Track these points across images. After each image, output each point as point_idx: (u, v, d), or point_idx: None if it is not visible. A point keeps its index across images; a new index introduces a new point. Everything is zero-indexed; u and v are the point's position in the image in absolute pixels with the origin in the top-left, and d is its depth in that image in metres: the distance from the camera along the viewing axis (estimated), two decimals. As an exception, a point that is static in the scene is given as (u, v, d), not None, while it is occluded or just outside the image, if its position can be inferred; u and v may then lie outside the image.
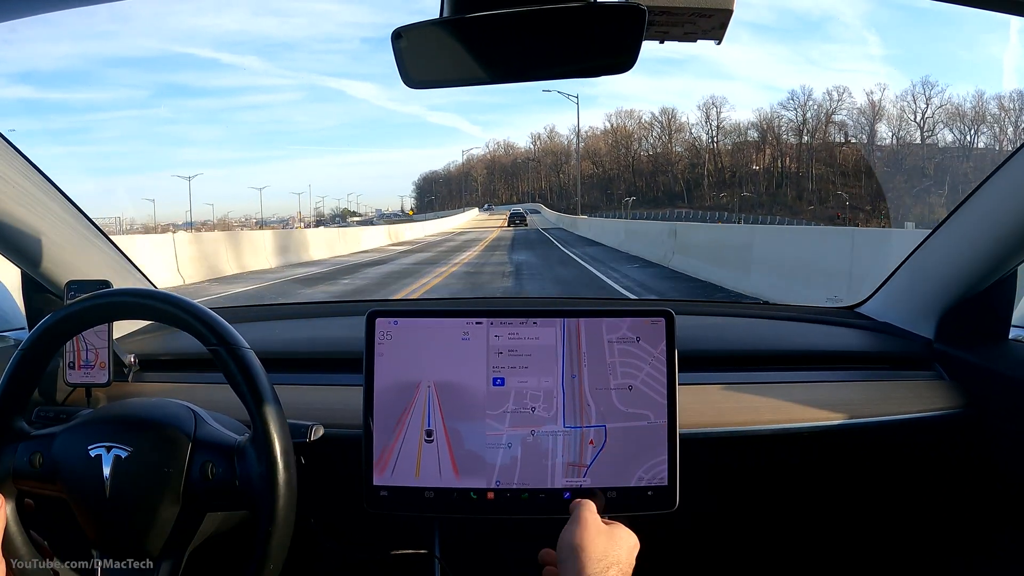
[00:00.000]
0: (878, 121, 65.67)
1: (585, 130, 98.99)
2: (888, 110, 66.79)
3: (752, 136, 70.46)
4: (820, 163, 60.33)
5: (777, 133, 68.18)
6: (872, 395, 1.00)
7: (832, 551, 1.14)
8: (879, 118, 66.44)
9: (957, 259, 1.02)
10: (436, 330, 0.79)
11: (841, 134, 62.39)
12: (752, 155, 68.23)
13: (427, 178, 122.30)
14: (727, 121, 77.43)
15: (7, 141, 0.86)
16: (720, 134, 76.25)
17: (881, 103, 67.46)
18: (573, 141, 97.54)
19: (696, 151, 75.52)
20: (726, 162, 71.71)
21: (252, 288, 9.58)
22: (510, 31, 0.66)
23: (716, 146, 74.86)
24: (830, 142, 62.62)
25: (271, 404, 0.67)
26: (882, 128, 63.81)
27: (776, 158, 65.59)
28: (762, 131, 69.49)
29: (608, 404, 0.77)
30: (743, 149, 68.88)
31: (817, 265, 6.86)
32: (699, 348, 1.06)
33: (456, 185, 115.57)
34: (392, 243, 23.56)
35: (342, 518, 0.92)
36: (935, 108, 65.18)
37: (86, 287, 0.91)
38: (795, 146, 64.85)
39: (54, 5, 0.68)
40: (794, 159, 63.25)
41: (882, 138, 64.58)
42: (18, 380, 0.68)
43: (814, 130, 64.96)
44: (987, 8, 0.59)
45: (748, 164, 67.78)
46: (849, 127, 64.52)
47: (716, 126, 76.75)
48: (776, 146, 67.02)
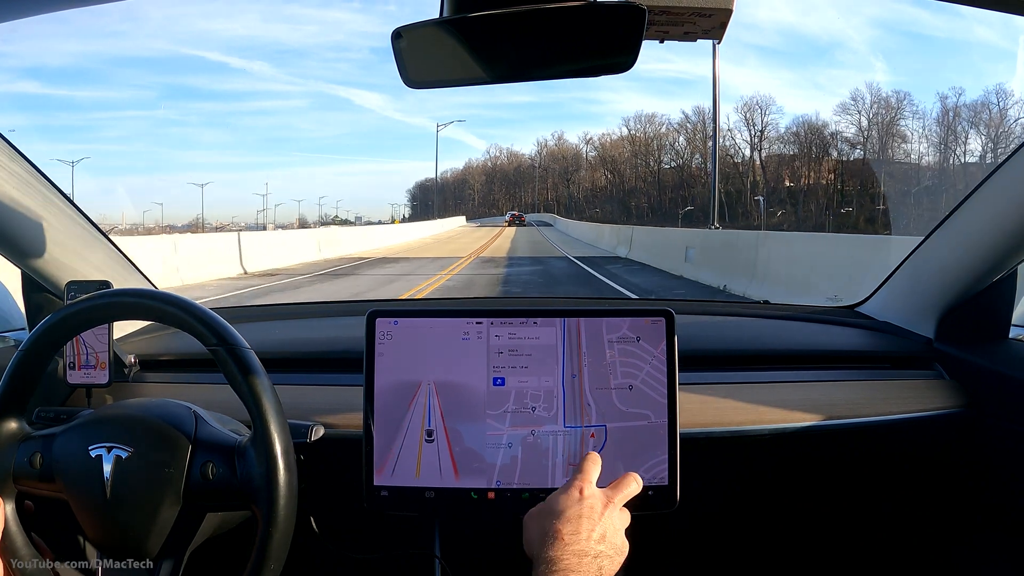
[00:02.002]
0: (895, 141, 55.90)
1: (599, 135, 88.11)
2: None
3: (804, 144, 57.78)
4: (892, 179, 49.57)
5: (835, 142, 56.24)
6: (872, 394, 1.00)
7: (832, 550, 1.14)
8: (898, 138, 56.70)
9: (957, 258, 1.02)
10: (436, 330, 0.79)
11: (901, 147, 50.64)
12: (809, 166, 57.38)
13: (422, 186, 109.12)
14: (773, 128, 62.79)
15: (7, 141, 0.86)
16: (765, 141, 62.07)
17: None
18: (584, 148, 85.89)
19: (734, 161, 62.50)
20: (777, 174, 60.49)
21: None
22: (510, 31, 0.65)
23: (760, 155, 61.90)
24: (891, 158, 51.62)
25: (271, 404, 0.67)
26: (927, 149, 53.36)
27: (836, 172, 54.62)
28: (820, 139, 57.71)
29: (608, 404, 0.77)
30: (798, 159, 58.02)
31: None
32: (699, 348, 1.06)
33: (452, 194, 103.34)
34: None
35: (342, 518, 0.92)
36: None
37: (86, 287, 0.91)
38: (860, 160, 53.30)
39: (54, 5, 0.68)
40: (856, 174, 52.40)
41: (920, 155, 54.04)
42: (18, 380, 0.68)
43: (883, 137, 52.99)
44: (987, 8, 0.59)
45: (803, 178, 57.11)
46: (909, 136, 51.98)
47: (760, 131, 62.31)
48: (836, 157, 55.33)
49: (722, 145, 64.20)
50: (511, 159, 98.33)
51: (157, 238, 12.91)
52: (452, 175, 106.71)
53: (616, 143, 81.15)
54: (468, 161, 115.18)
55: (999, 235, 0.93)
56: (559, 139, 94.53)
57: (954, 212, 1.01)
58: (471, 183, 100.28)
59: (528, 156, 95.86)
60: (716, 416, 0.94)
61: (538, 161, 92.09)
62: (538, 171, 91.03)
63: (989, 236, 0.95)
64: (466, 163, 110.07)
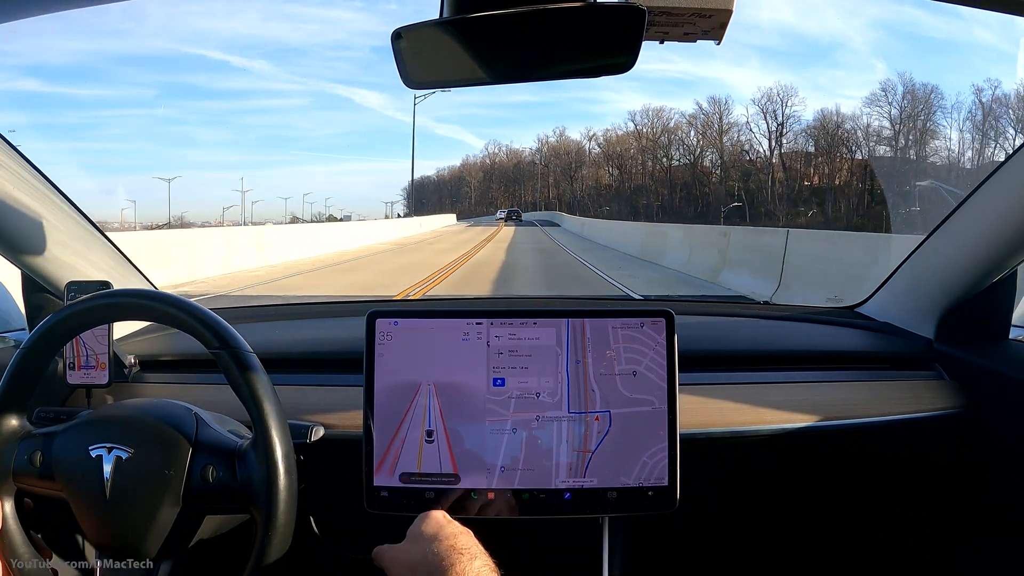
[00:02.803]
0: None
1: (606, 130, 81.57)
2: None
3: (830, 137, 51.13)
4: (924, 175, 42.83)
5: (865, 137, 50.14)
6: (872, 395, 1.00)
7: (833, 550, 1.14)
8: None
9: (957, 259, 1.02)
10: (436, 330, 0.79)
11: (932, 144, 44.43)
12: (836, 163, 50.77)
13: (417, 184, 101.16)
14: (795, 122, 56.11)
15: (7, 142, 0.86)
16: (787, 136, 55.33)
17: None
18: (587, 144, 80.00)
19: (751, 156, 55.90)
20: (799, 171, 53.70)
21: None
22: (510, 31, 0.65)
23: (780, 150, 54.86)
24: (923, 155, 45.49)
25: (273, 408, 0.67)
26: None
27: (865, 168, 48.34)
28: (843, 133, 51.40)
29: (612, 389, 0.78)
30: (824, 155, 51.00)
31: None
32: (699, 348, 1.06)
33: (448, 191, 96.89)
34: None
35: (342, 518, 0.92)
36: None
37: (86, 288, 0.91)
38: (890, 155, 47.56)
39: (55, 5, 0.68)
40: (890, 170, 45.73)
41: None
42: (18, 380, 0.68)
43: (920, 133, 46.43)
44: (987, 8, 0.59)
45: (832, 174, 50.34)
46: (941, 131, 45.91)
47: (780, 124, 55.20)
48: (867, 152, 49.26)
49: (737, 140, 58.49)
50: (510, 156, 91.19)
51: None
52: (449, 172, 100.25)
53: (622, 138, 74.47)
54: (465, 158, 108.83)
55: (999, 235, 0.93)
56: (560, 135, 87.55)
57: (954, 212, 1.01)
58: (468, 180, 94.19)
59: (528, 152, 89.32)
60: (716, 416, 0.94)
61: (539, 158, 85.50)
62: (539, 168, 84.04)
63: (989, 236, 0.95)
64: (463, 159, 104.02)
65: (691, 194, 62.14)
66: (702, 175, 62.36)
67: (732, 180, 59.19)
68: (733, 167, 60.05)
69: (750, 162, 57.13)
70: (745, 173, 55.96)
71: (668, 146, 67.12)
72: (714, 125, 62.95)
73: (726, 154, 60.74)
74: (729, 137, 61.93)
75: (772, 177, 55.58)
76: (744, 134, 59.51)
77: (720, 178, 60.34)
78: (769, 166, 56.13)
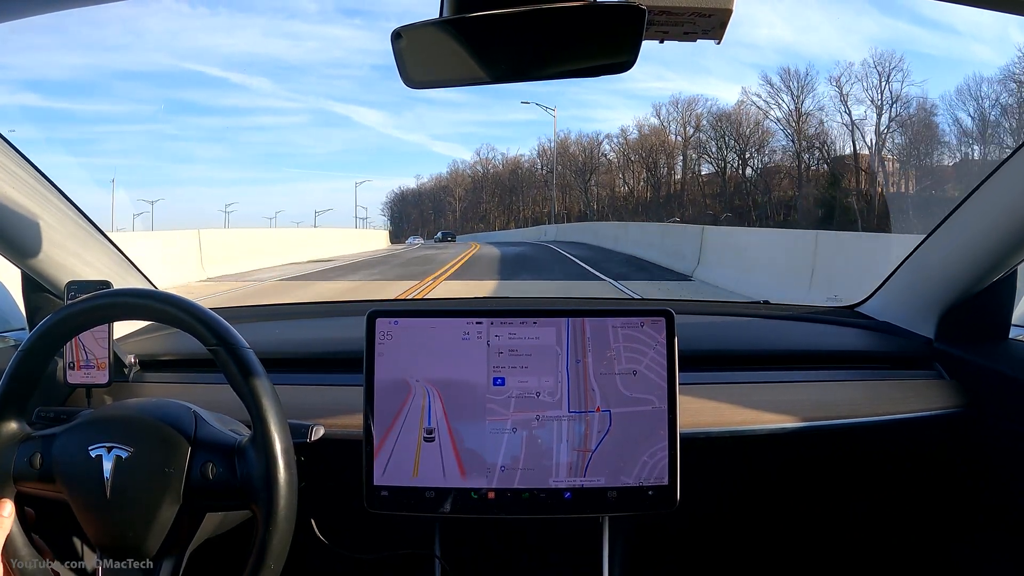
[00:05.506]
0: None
1: (615, 133, 66.48)
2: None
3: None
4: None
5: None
6: (872, 394, 1.00)
7: (833, 550, 1.14)
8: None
9: (957, 258, 1.02)
10: (436, 330, 0.79)
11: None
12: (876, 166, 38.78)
13: (399, 197, 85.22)
14: (815, 118, 42.46)
15: (7, 142, 0.86)
16: (808, 135, 42.83)
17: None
18: (604, 143, 59.61)
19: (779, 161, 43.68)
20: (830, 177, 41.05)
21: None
22: (510, 31, 0.65)
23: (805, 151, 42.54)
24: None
25: (272, 404, 0.67)
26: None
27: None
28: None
29: (613, 389, 0.78)
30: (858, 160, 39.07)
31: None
32: (699, 348, 1.06)
33: (430, 204, 78.02)
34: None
35: (342, 518, 0.92)
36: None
37: (86, 287, 0.91)
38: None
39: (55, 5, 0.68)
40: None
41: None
42: (18, 380, 0.68)
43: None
44: (987, 8, 0.59)
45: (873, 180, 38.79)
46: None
47: (798, 118, 41.99)
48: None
49: (813, 133, 43.58)
50: (506, 163, 71.58)
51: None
52: (432, 182, 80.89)
53: (635, 143, 55.31)
54: (453, 164, 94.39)
55: (999, 235, 0.93)
56: (565, 137, 65.37)
57: (954, 212, 1.01)
58: (453, 189, 75.02)
59: (527, 157, 70.19)
60: (716, 416, 0.94)
61: (541, 163, 66.66)
62: (542, 173, 65.26)
63: (989, 236, 0.95)
64: (450, 166, 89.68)
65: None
66: (774, 176, 47.82)
67: (777, 184, 47.23)
68: (771, 173, 47.84)
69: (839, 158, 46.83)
70: (824, 175, 44.96)
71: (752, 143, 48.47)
72: (793, 115, 46.54)
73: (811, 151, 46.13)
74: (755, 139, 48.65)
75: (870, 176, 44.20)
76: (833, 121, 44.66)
77: (818, 179, 45.35)
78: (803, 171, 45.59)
